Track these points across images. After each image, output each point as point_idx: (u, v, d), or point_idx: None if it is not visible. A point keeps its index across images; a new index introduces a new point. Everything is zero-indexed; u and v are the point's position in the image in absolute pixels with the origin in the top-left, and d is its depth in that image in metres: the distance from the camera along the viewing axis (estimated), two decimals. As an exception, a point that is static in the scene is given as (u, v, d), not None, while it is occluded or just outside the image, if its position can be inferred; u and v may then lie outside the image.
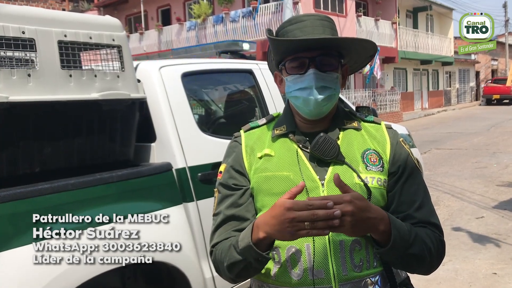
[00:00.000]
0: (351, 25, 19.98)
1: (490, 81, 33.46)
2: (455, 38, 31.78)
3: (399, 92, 23.22)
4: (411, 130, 6.91)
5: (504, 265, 4.37)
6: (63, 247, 2.16)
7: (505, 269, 4.27)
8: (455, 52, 29.83)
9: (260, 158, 1.40)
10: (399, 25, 23.59)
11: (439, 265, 1.36)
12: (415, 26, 27.02)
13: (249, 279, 1.45)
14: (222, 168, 1.46)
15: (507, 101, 29.54)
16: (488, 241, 5.04)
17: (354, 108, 4.47)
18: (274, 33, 1.39)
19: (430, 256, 1.28)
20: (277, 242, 1.31)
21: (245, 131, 1.50)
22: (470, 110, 27.36)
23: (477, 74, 36.42)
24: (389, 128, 1.47)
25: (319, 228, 1.08)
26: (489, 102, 30.28)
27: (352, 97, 19.84)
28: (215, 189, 1.46)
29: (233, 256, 1.27)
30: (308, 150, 1.37)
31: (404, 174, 1.38)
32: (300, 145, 1.39)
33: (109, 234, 2.33)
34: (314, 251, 1.28)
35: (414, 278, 1.42)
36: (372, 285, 1.31)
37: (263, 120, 1.52)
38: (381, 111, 21.09)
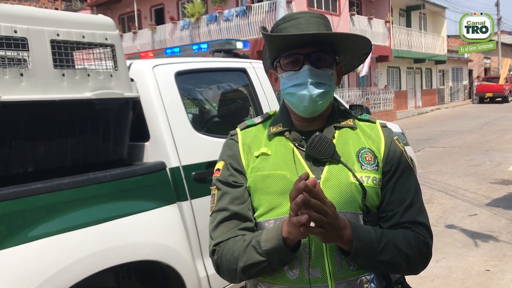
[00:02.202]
0: (344, 24, 20.01)
1: (480, 78, 33.67)
2: (448, 36, 31.96)
3: (392, 91, 23.30)
4: (404, 128, 6.94)
5: (497, 261, 4.40)
6: (57, 247, 2.16)
7: (498, 265, 4.30)
8: (448, 51, 29.99)
9: (257, 157, 1.40)
10: (392, 23, 23.67)
11: (426, 266, 1.35)
12: (408, 24, 27.12)
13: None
14: (220, 165, 1.45)
15: (500, 99, 29.72)
16: (481, 238, 5.07)
17: (348, 106, 4.48)
18: (270, 31, 1.39)
19: (407, 261, 1.27)
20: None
21: (241, 129, 1.50)
22: (463, 108, 27.51)
23: (470, 72, 36.59)
24: (383, 126, 1.47)
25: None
26: (482, 100, 30.45)
27: (346, 95, 19.88)
28: (213, 187, 1.44)
29: (253, 257, 1.26)
30: (304, 149, 1.37)
31: (397, 173, 1.38)
32: (296, 144, 1.39)
33: (103, 233, 2.33)
34: (310, 251, 1.28)
35: (408, 276, 1.43)
36: (368, 283, 1.31)
37: (259, 119, 1.52)
38: (375, 109, 21.15)
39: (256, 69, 3.48)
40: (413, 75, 28.17)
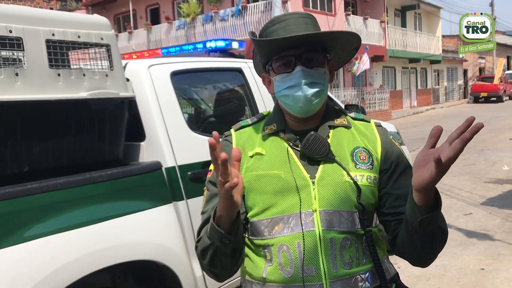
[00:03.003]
0: (339, 24, 20.04)
1: (474, 78, 33.80)
2: (443, 36, 32.07)
3: (388, 91, 23.36)
4: (399, 128, 6.95)
5: (491, 260, 4.42)
6: (52, 247, 2.16)
7: (493, 264, 4.32)
8: (443, 51, 30.09)
9: (251, 157, 1.40)
10: (387, 23, 23.73)
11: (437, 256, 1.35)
12: (404, 24, 27.19)
13: (240, 277, 1.46)
14: (212, 166, 1.46)
15: (495, 98, 29.84)
16: (476, 237, 5.10)
17: (343, 106, 4.49)
18: (258, 35, 1.40)
19: (444, 237, 1.28)
20: (268, 241, 1.32)
21: (235, 130, 1.50)
22: (458, 108, 27.59)
23: (465, 72, 36.72)
24: (378, 126, 1.48)
25: None
26: (476, 100, 30.56)
27: (342, 95, 19.92)
28: (205, 188, 1.45)
29: (205, 241, 1.28)
30: (298, 149, 1.38)
31: (397, 170, 1.39)
32: (291, 144, 1.40)
33: (99, 233, 2.33)
34: (304, 249, 1.28)
35: (404, 275, 1.44)
36: (362, 281, 1.32)
37: (253, 119, 1.52)
38: (370, 109, 21.21)
39: (251, 69, 3.49)
40: (408, 74, 28.24)
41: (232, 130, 1.51)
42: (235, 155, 1.15)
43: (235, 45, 3.89)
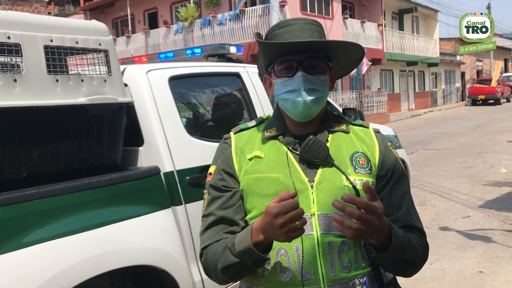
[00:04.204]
0: (337, 28, 20.09)
1: (472, 80, 33.86)
2: (441, 39, 32.14)
3: (385, 94, 23.40)
4: (397, 131, 6.97)
5: (490, 263, 4.42)
6: (51, 253, 2.16)
7: (491, 267, 4.33)
8: (441, 53, 30.15)
9: (250, 159, 1.41)
10: (385, 27, 23.79)
11: (422, 267, 1.40)
12: (401, 28, 27.26)
13: (239, 281, 1.47)
14: (212, 169, 1.47)
15: (492, 101, 29.90)
16: (475, 240, 5.10)
17: (341, 110, 4.50)
18: (264, 37, 1.41)
19: (418, 259, 1.33)
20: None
21: (235, 133, 1.51)
22: (456, 111, 27.64)
23: (463, 74, 36.80)
24: (377, 132, 1.50)
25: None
26: (474, 102, 30.63)
27: (340, 98, 19.94)
28: (205, 191, 1.47)
29: (229, 258, 1.28)
30: (297, 152, 1.39)
31: (393, 178, 1.41)
32: (290, 147, 1.41)
33: (98, 238, 2.33)
34: (303, 252, 1.29)
35: (402, 278, 1.44)
36: (360, 285, 1.33)
37: (253, 122, 1.53)
38: (368, 112, 21.23)
39: (249, 73, 3.50)
40: (406, 77, 28.29)
41: (231, 133, 1.52)
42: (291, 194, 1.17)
43: (232, 49, 3.90)
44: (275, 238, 1.19)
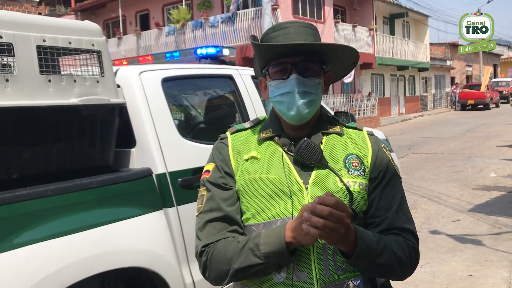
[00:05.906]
0: (329, 32, 20.17)
1: (459, 86, 34.11)
2: (431, 44, 32.39)
3: (376, 98, 23.52)
4: (388, 135, 7.00)
5: (479, 266, 4.46)
6: (42, 254, 2.14)
7: (480, 270, 4.36)
8: (431, 58, 30.38)
9: (247, 160, 1.42)
10: (376, 31, 23.93)
11: (413, 271, 1.39)
12: (392, 32, 27.45)
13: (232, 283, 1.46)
14: (210, 167, 1.46)
15: (482, 106, 30.17)
16: (464, 244, 5.14)
17: (333, 113, 4.52)
18: (259, 40, 1.41)
19: (401, 265, 1.31)
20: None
21: (231, 133, 1.51)
22: (446, 115, 27.86)
23: (453, 79, 37.10)
24: (370, 134, 1.50)
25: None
26: (464, 107, 30.88)
27: (331, 102, 20.01)
28: (202, 188, 1.45)
29: (250, 259, 1.27)
30: (293, 154, 1.39)
31: (384, 180, 1.41)
32: (285, 149, 1.41)
33: (89, 240, 2.32)
34: (297, 254, 1.29)
35: (393, 281, 1.45)
36: (354, 287, 1.33)
37: (250, 123, 1.53)
38: (359, 116, 21.32)
39: (242, 76, 3.50)
40: (396, 82, 28.46)
41: (228, 133, 1.52)
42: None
43: (226, 52, 3.90)
44: (304, 241, 1.21)
